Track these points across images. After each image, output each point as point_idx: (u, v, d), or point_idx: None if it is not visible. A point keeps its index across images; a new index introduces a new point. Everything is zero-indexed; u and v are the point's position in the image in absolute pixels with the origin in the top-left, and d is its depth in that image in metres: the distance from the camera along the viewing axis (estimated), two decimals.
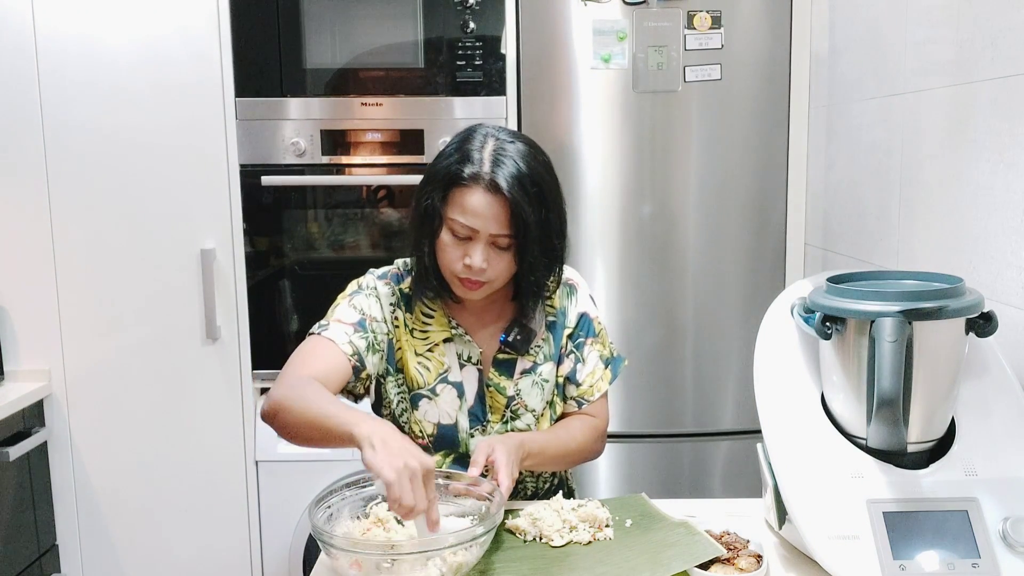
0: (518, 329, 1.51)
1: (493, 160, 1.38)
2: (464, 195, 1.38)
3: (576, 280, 1.61)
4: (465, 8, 2.30)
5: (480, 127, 1.46)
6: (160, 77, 2.27)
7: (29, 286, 2.32)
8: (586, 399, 1.58)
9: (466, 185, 1.38)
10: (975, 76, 1.53)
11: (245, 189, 2.32)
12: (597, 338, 1.59)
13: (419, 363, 1.51)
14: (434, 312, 1.52)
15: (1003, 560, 1.14)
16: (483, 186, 1.37)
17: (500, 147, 1.40)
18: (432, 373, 1.51)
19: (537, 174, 1.40)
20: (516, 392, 1.52)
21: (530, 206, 1.38)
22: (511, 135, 1.44)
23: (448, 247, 1.42)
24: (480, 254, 1.39)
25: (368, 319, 1.48)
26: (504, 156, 1.39)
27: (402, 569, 1.13)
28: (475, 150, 1.40)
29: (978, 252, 1.52)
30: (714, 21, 2.28)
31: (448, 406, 1.51)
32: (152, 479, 2.39)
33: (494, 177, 1.37)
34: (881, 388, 1.13)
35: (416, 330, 1.52)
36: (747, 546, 1.25)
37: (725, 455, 2.42)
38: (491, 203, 1.37)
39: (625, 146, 2.34)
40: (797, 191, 2.39)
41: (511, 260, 1.42)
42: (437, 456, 1.53)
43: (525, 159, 1.40)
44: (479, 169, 1.38)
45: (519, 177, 1.38)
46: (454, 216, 1.39)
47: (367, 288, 1.52)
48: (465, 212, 1.38)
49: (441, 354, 1.51)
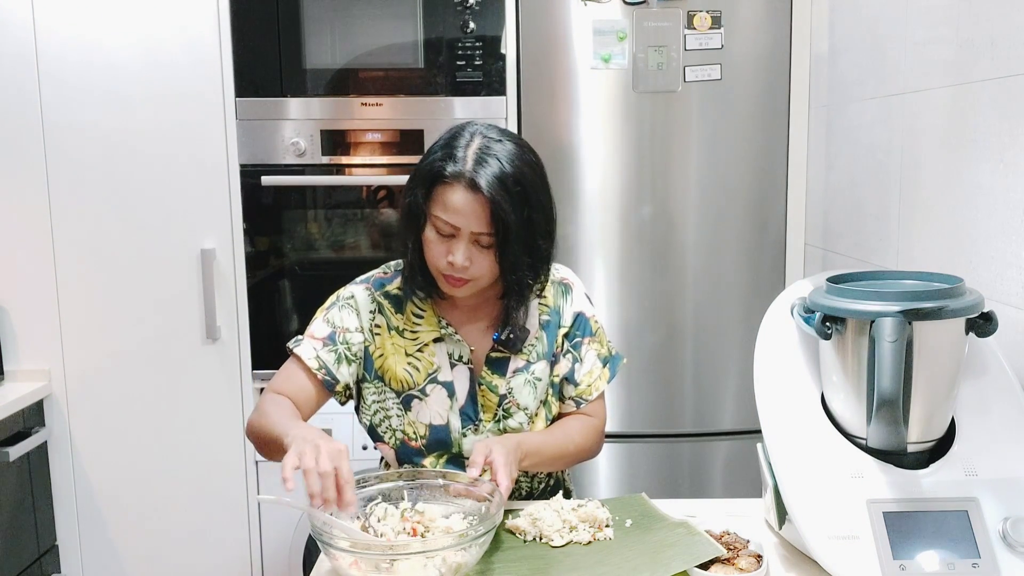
0: (511, 327, 1.51)
1: (476, 159, 1.39)
2: (446, 193, 1.39)
3: (571, 279, 1.61)
4: (465, 8, 2.30)
5: (470, 125, 1.46)
6: (160, 77, 2.27)
7: (29, 286, 2.32)
8: (584, 398, 1.58)
9: (448, 183, 1.39)
10: (975, 76, 1.53)
11: (245, 189, 2.32)
12: (594, 337, 1.59)
13: (408, 363, 1.51)
14: (424, 312, 1.52)
15: (1003, 560, 1.14)
16: (464, 184, 1.38)
17: (485, 146, 1.41)
18: (421, 373, 1.51)
19: (521, 174, 1.40)
20: (508, 390, 1.52)
21: (511, 206, 1.37)
22: (500, 134, 1.44)
23: (432, 243, 1.43)
24: (462, 252, 1.40)
25: (340, 331, 1.50)
26: (488, 155, 1.39)
27: (402, 569, 1.13)
28: (460, 148, 1.41)
29: (978, 252, 1.52)
30: (714, 21, 2.28)
31: (439, 406, 1.51)
32: (152, 479, 2.39)
33: (475, 176, 1.37)
34: (881, 388, 1.13)
35: (406, 331, 1.52)
36: (747, 546, 1.25)
37: (725, 455, 2.42)
38: (471, 201, 1.38)
39: (625, 146, 2.34)
40: (797, 191, 2.39)
41: (493, 259, 1.43)
42: (430, 458, 1.53)
43: (510, 158, 1.40)
44: (461, 168, 1.38)
45: (501, 177, 1.38)
46: (437, 213, 1.40)
47: (343, 299, 1.54)
48: (447, 210, 1.39)
49: (431, 354, 1.51)
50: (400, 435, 1.53)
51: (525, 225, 1.40)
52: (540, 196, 1.44)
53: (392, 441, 1.54)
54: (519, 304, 1.50)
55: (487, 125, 1.46)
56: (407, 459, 1.54)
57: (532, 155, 1.46)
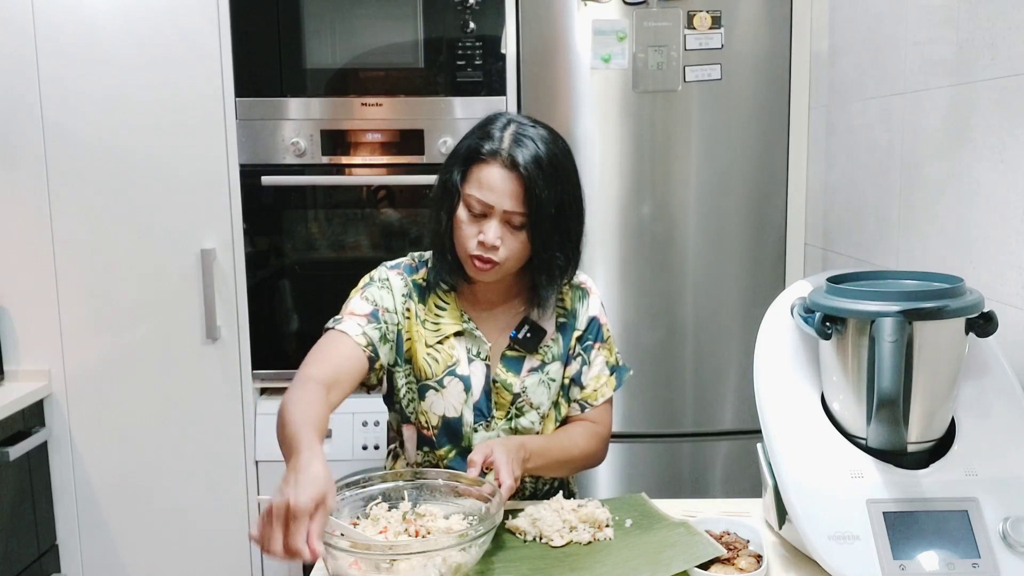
0: (529, 327, 1.53)
1: (513, 139, 1.43)
2: (482, 170, 1.43)
3: (590, 285, 1.63)
4: (465, 8, 2.30)
5: (503, 113, 1.51)
6: (160, 77, 2.27)
7: (29, 286, 2.32)
8: (589, 403, 1.59)
9: (484, 160, 1.43)
10: (975, 76, 1.53)
11: (245, 189, 2.32)
12: (605, 344, 1.61)
13: (428, 354, 1.52)
14: (447, 305, 1.54)
15: (1003, 560, 1.14)
16: (500, 162, 1.42)
17: (521, 130, 1.45)
18: (440, 365, 1.52)
19: (555, 157, 1.44)
20: (522, 389, 1.53)
21: (546, 185, 1.41)
22: (533, 121, 1.49)
23: (464, 224, 1.45)
24: (494, 230, 1.42)
25: (381, 310, 1.50)
26: (524, 137, 1.44)
27: (401, 569, 1.13)
28: (496, 130, 1.45)
29: (978, 252, 1.52)
30: (714, 21, 2.28)
31: (454, 399, 1.52)
32: (152, 479, 2.39)
33: (512, 154, 1.41)
34: (881, 388, 1.13)
35: (428, 321, 1.53)
36: (747, 546, 1.25)
37: (725, 455, 2.42)
38: (507, 179, 1.41)
39: (625, 146, 2.34)
40: (797, 191, 2.39)
41: (525, 241, 1.45)
42: (442, 449, 1.54)
43: (544, 142, 1.44)
44: (498, 146, 1.43)
45: (536, 157, 1.42)
46: (471, 192, 1.43)
47: (379, 280, 1.54)
48: (482, 187, 1.42)
49: (451, 347, 1.52)
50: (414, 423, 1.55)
51: (558, 206, 1.44)
52: (572, 180, 1.48)
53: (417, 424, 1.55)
54: (550, 282, 1.50)
55: (519, 114, 1.51)
56: (424, 444, 1.56)
57: (564, 143, 1.50)
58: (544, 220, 1.43)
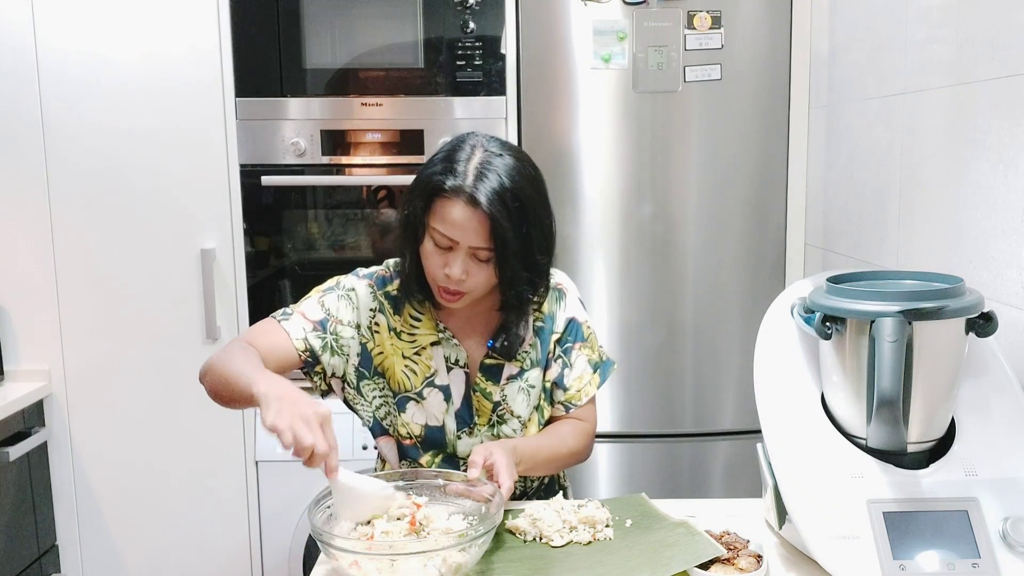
0: (505, 335, 1.51)
1: (476, 174, 1.38)
2: (445, 206, 1.38)
3: (565, 285, 1.60)
4: (465, 8, 2.30)
5: (471, 136, 1.45)
6: (160, 77, 2.27)
7: (29, 286, 2.32)
8: (573, 403, 1.58)
9: (447, 197, 1.38)
10: (975, 76, 1.53)
11: (245, 189, 2.32)
12: (586, 343, 1.59)
13: (406, 366, 1.51)
14: (422, 316, 1.52)
15: (1003, 560, 1.14)
16: (463, 199, 1.37)
17: (487, 160, 1.40)
18: (419, 376, 1.51)
19: (521, 189, 1.39)
20: (502, 398, 1.53)
21: (510, 221, 1.37)
22: (501, 147, 1.43)
23: (430, 255, 1.42)
24: (459, 265, 1.40)
25: (332, 320, 1.49)
26: (488, 170, 1.38)
27: (401, 569, 1.13)
28: (461, 162, 1.40)
29: (978, 252, 1.52)
30: (714, 21, 2.28)
31: (435, 408, 1.51)
32: (152, 479, 2.39)
33: (474, 192, 1.36)
34: (881, 388, 1.13)
35: (404, 332, 1.52)
36: (747, 546, 1.25)
37: (725, 455, 2.42)
38: (471, 216, 1.37)
39: (625, 146, 2.34)
40: (797, 191, 2.39)
41: (491, 272, 1.42)
42: (426, 456, 1.53)
43: (510, 173, 1.39)
44: (461, 182, 1.37)
45: (500, 192, 1.37)
46: (435, 225, 1.40)
47: (344, 289, 1.52)
48: (445, 223, 1.39)
49: (428, 357, 1.51)
50: (393, 434, 1.54)
51: (523, 240, 1.40)
52: (539, 212, 1.43)
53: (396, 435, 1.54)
54: (519, 318, 1.50)
55: (488, 137, 1.45)
56: (404, 455, 1.55)
57: (532, 169, 1.45)
58: (509, 255, 1.39)
